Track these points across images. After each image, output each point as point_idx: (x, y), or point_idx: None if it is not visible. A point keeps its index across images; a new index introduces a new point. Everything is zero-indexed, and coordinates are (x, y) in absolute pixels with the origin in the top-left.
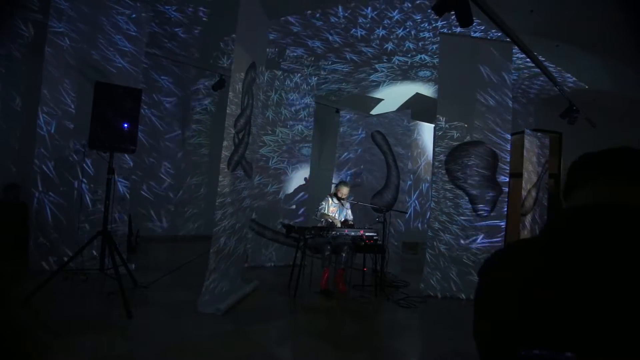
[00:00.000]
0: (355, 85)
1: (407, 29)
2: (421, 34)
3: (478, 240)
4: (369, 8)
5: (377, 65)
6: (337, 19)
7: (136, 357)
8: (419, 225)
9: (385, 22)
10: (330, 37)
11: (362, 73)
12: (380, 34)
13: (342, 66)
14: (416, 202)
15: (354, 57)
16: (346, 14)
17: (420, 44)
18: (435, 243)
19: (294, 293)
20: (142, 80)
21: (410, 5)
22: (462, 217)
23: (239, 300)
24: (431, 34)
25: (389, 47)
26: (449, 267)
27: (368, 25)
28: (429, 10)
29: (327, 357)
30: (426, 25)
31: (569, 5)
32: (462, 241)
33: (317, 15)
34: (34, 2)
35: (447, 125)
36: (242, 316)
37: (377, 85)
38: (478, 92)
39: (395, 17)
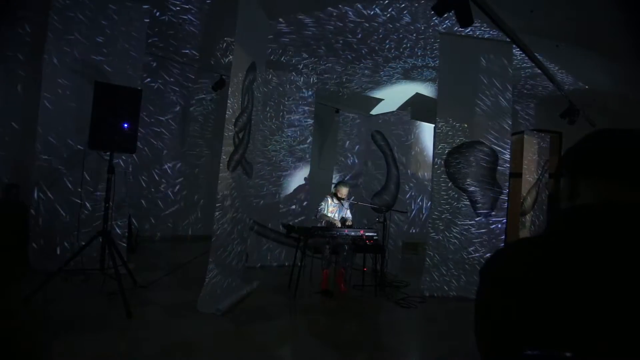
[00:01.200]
0: (358, 85)
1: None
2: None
3: (478, 240)
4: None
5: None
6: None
7: (136, 357)
8: (419, 225)
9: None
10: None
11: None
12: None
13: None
14: (416, 202)
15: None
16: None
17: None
18: (435, 243)
19: (294, 293)
20: (142, 80)
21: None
22: (462, 217)
23: (239, 300)
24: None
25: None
26: (449, 267)
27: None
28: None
29: (327, 357)
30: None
31: (569, 5)
32: (462, 241)
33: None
34: (34, 3)
35: (447, 126)
36: (242, 316)
37: (379, 84)
38: (478, 92)
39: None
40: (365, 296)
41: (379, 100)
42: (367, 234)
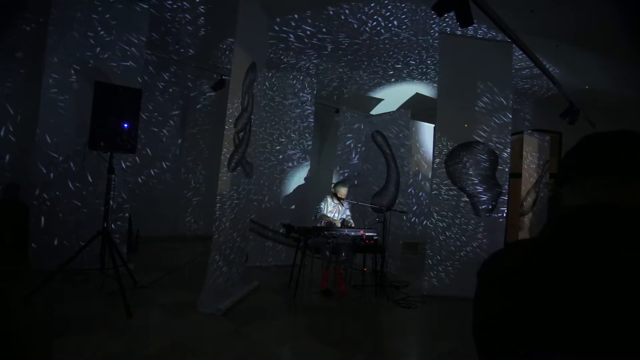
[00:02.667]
0: (358, 86)
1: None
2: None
3: (478, 240)
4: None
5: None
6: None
7: (136, 357)
8: (419, 225)
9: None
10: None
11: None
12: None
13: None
14: (416, 202)
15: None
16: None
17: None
18: (435, 243)
19: (294, 293)
20: (142, 80)
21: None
22: (462, 217)
23: (239, 300)
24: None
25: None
26: (449, 267)
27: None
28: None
29: (327, 357)
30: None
31: (569, 5)
32: (461, 241)
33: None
34: (34, 3)
35: (447, 125)
36: (242, 316)
37: (379, 84)
38: (478, 92)
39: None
40: (365, 296)
41: (379, 100)
42: (367, 234)
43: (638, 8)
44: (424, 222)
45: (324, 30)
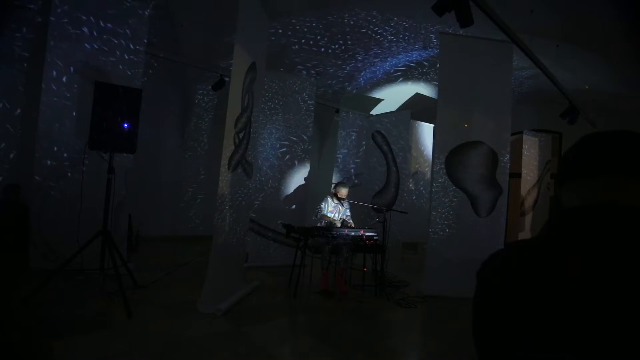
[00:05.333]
0: (358, 86)
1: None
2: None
3: (478, 240)
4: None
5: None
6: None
7: (136, 357)
8: (419, 225)
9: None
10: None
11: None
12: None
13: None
14: (416, 201)
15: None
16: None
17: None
18: (435, 243)
19: (294, 293)
20: (142, 80)
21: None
22: (462, 217)
23: (239, 300)
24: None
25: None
26: (448, 267)
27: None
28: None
29: (327, 357)
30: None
31: (569, 5)
32: (461, 241)
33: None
34: (34, 2)
35: (447, 126)
36: (242, 316)
37: (379, 84)
38: (478, 92)
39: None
40: (365, 296)
41: (379, 100)
42: (367, 234)
43: (637, 8)
44: (424, 222)
45: (324, 28)
